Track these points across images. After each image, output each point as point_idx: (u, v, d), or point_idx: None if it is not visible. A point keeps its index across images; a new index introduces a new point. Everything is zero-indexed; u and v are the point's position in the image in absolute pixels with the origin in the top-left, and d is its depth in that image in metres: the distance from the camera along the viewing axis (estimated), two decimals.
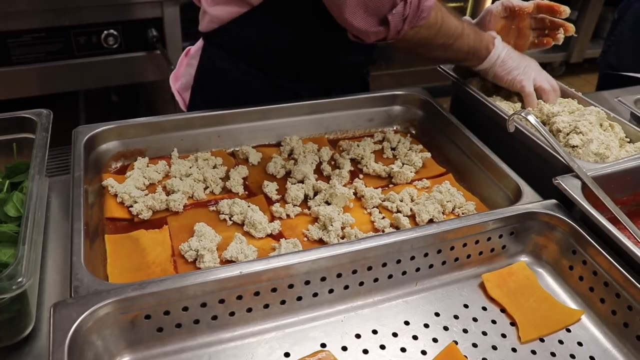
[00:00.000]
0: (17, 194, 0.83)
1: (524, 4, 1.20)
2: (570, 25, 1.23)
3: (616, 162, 0.93)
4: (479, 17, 1.23)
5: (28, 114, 0.94)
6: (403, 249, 0.79)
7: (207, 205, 0.94)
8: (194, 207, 0.93)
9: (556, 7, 1.21)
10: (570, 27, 1.23)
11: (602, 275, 0.79)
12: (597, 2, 3.61)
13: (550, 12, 1.23)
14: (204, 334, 0.72)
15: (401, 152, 1.10)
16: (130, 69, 2.15)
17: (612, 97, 1.35)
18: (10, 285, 0.63)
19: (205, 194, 0.96)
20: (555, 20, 1.23)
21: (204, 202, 0.95)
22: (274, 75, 1.15)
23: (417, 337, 0.75)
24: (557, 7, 1.21)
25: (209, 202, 0.95)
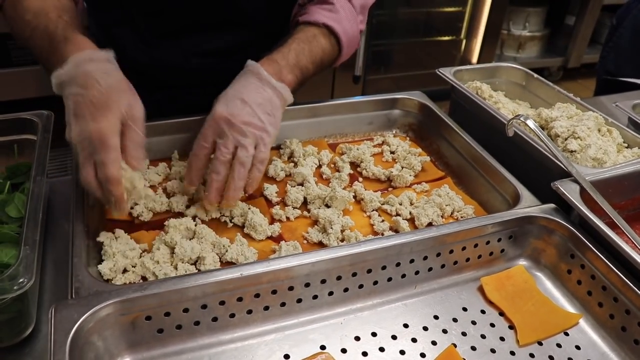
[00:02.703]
0: (18, 195, 0.83)
1: None
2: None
3: (614, 167, 0.94)
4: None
5: (29, 115, 0.95)
6: (402, 252, 0.79)
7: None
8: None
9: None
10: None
11: (600, 279, 0.79)
12: (595, 7, 3.63)
13: None
14: (204, 335, 0.72)
15: (400, 156, 1.10)
16: None
17: (610, 102, 1.36)
18: (11, 286, 0.64)
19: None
20: None
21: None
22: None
23: (416, 339, 0.76)
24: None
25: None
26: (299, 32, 0.99)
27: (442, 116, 1.13)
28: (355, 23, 1.05)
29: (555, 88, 1.24)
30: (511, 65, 1.34)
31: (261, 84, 0.89)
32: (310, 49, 0.97)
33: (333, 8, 1.01)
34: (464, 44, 3.41)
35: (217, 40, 1.14)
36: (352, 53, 1.06)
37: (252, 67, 0.91)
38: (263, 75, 0.89)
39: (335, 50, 1.02)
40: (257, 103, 0.86)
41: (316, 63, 0.98)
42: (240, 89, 0.88)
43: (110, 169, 0.73)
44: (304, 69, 0.96)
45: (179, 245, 0.81)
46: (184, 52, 1.13)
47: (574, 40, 3.78)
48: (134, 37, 1.09)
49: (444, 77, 1.22)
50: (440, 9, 3.23)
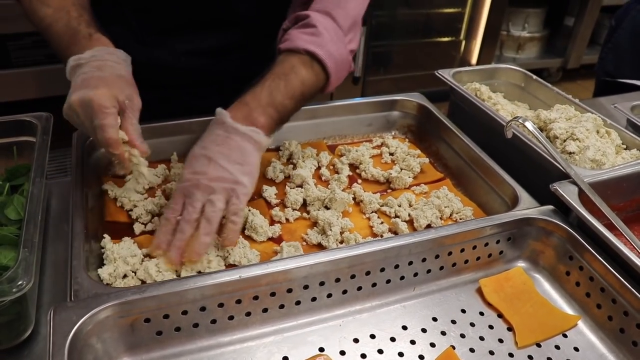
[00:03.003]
0: (17, 197, 0.83)
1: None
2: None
3: (613, 168, 0.94)
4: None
5: (28, 117, 0.95)
6: (401, 254, 0.79)
7: None
8: None
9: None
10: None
11: (599, 281, 0.79)
12: (594, 8, 3.64)
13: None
14: (203, 337, 0.73)
15: (399, 157, 1.10)
16: None
17: (608, 104, 1.36)
18: (10, 288, 0.64)
19: None
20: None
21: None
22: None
23: (414, 341, 0.76)
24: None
25: None
26: (277, 64, 0.92)
27: (441, 118, 1.13)
28: (342, 44, 0.96)
29: (554, 89, 1.24)
30: (510, 67, 1.35)
31: (227, 134, 0.84)
32: (287, 84, 0.90)
33: (315, 31, 0.92)
34: (464, 45, 3.41)
35: (208, 40, 1.14)
36: (345, 76, 0.99)
37: (218, 117, 0.87)
38: (228, 124, 0.85)
39: (320, 78, 0.94)
40: (223, 156, 0.82)
41: (295, 98, 0.91)
42: (206, 144, 0.84)
43: (108, 132, 0.78)
44: (280, 106, 0.89)
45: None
46: (175, 51, 1.13)
47: (573, 41, 3.78)
48: (126, 35, 1.09)
49: (443, 79, 1.22)
50: (439, 10, 3.23)
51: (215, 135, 0.85)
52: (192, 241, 0.79)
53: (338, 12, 0.96)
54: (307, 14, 0.95)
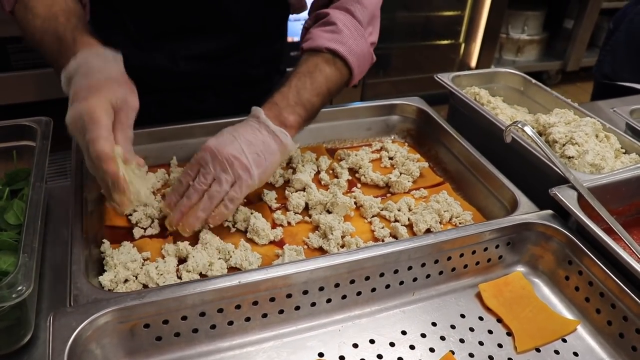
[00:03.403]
0: (17, 202, 0.83)
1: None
2: None
3: (612, 173, 0.94)
4: None
5: (28, 121, 0.95)
6: (400, 259, 0.79)
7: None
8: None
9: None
10: None
11: (598, 286, 0.79)
12: (593, 11, 3.64)
13: None
14: (202, 343, 0.73)
15: (399, 162, 1.10)
16: None
17: (607, 108, 1.36)
18: (10, 294, 0.64)
19: None
20: None
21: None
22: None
23: (414, 346, 0.76)
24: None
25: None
26: (302, 64, 0.97)
27: (441, 122, 1.14)
28: (363, 39, 1.01)
29: (553, 93, 1.25)
30: (509, 71, 1.35)
31: (258, 126, 0.89)
32: (312, 82, 0.94)
33: (335, 29, 0.98)
34: (463, 48, 3.41)
35: (206, 44, 1.14)
36: (367, 68, 1.03)
37: (253, 112, 0.91)
38: (261, 118, 0.89)
39: (343, 73, 0.99)
40: (247, 141, 0.86)
41: (322, 94, 0.95)
42: (237, 128, 0.88)
43: (99, 145, 0.71)
44: (308, 104, 0.93)
45: (192, 256, 0.81)
46: (174, 55, 1.14)
47: (573, 44, 3.79)
48: (124, 39, 1.09)
49: (442, 83, 1.22)
50: (439, 13, 3.23)
51: (247, 126, 0.89)
52: (190, 212, 0.84)
53: (356, 8, 1.01)
54: (327, 12, 0.99)
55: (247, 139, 0.86)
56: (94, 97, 0.74)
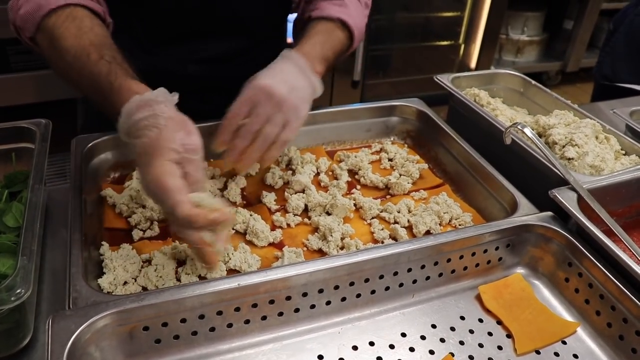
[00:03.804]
0: (16, 205, 0.83)
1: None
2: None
3: (612, 174, 0.94)
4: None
5: (27, 123, 0.95)
6: (400, 261, 0.79)
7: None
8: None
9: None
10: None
11: (598, 288, 0.79)
12: (593, 11, 3.64)
13: None
14: (201, 345, 0.72)
15: (398, 163, 1.10)
16: None
17: (607, 109, 1.36)
18: (9, 297, 0.64)
19: None
20: None
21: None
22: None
23: (413, 349, 0.76)
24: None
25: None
26: (317, 25, 1.03)
27: (440, 123, 1.14)
28: (363, 17, 1.11)
29: (553, 95, 1.24)
30: (509, 72, 1.35)
31: (300, 72, 0.92)
32: (331, 41, 1.02)
33: (343, 3, 1.06)
34: (463, 49, 3.41)
35: (214, 47, 1.15)
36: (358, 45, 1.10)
37: (291, 55, 0.94)
38: (301, 64, 0.92)
39: (347, 43, 1.07)
40: (295, 86, 0.89)
41: (336, 53, 1.02)
42: (282, 69, 0.91)
43: (179, 212, 0.70)
44: (328, 60, 1.00)
45: (190, 259, 0.81)
46: (182, 59, 1.13)
47: (573, 45, 3.78)
48: (132, 43, 1.09)
49: (442, 84, 1.22)
50: (438, 13, 3.23)
51: (292, 69, 0.91)
52: (246, 153, 0.87)
53: None
54: None
55: (295, 83, 0.89)
56: (153, 163, 0.72)
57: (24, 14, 0.87)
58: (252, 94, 0.87)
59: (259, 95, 0.86)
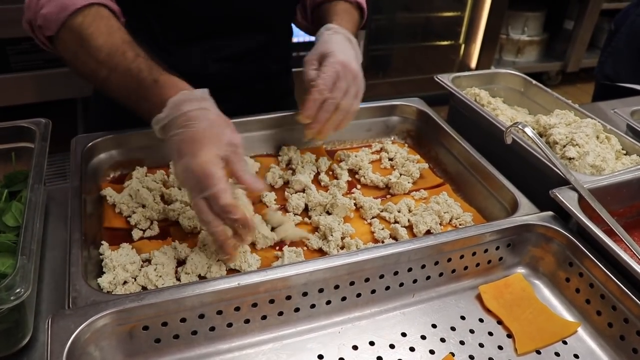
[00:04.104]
0: (15, 204, 0.83)
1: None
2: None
3: (612, 174, 0.94)
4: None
5: (27, 123, 0.95)
6: (400, 260, 0.79)
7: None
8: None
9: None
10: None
11: (599, 288, 0.79)
12: (594, 11, 3.64)
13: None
14: (201, 345, 0.72)
15: (399, 163, 1.10)
16: None
17: (608, 109, 1.36)
18: (8, 296, 0.63)
19: None
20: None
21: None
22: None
23: (414, 348, 0.76)
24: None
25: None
26: (338, 5, 1.11)
27: (441, 123, 1.13)
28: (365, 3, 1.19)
29: (554, 94, 1.24)
30: (509, 72, 1.35)
31: (352, 46, 1.01)
32: (353, 19, 1.11)
33: None
34: (463, 49, 3.41)
35: (236, 44, 1.15)
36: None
37: (340, 30, 1.01)
38: (351, 38, 1.02)
39: (361, 20, 1.16)
40: (356, 58, 1.00)
41: (355, 31, 1.09)
42: (342, 43, 0.99)
43: (223, 199, 0.73)
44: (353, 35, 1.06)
45: (190, 259, 0.81)
46: (202, 58, 1.13)
47: (573, 45, 3.78)
48: (150, 43, 1.09)
49: (442, 84, 1.22)
50: (438, 13, 3.23)
51: (347, 44, 1.00)
52: (327, 123, 0.96)
53: None
54: None
55: (354, 55, 1.00)
56: (202, 151, 0.75)
57: (47, 13, 0.87)
58: (335, 69, 0.94)
59: (340, 71, 0.94)
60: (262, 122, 1.10)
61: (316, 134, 0.97)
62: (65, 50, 0.90)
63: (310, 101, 0.93)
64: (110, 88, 0.88)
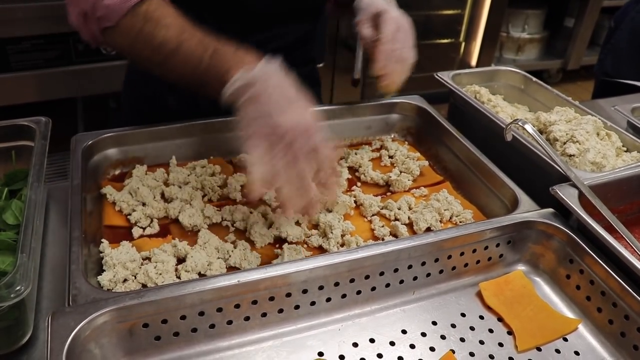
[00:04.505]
0: (15, 202, 0.83)
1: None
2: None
3: (613, 171, 0.94)
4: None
5: (27, 121, 0.95)
6: (401, 257, 0.79)
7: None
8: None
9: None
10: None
11: (599, 285, 0.79)
12: (594, 9, 3.63)
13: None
14: (201, 342, 0.72)
15: (399, 160, 1.10)
16: None
17: (608, 106, 1.36)
18: (8, 294, 0.64)
19: (204, 202, 0.96)
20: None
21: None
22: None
23: (414, 345, 0.76)
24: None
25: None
26: None
27: (441, 120, 1.13)
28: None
29: (554, 91, 1.24)
30: (510, 69, 1.35)
31: (395, 4, 1.12)
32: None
33: None
34: (463, 47, 3.40)
35: (286, 35, 1.16)
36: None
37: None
38: (392, 1, 1.12)
39: None
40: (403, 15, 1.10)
41: None
42: (386, 2, 1.09)
43: (324, 148, 0.78)
44: None
45: (190, 256, 0.81)
46: (260, 49, 1.12)
47: (573, 42, 3.77)
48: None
49: (442, 81, 1.22)
50: (438, 11, 3.22)
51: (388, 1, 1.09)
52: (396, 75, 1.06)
53: None
54: None
55: (400, 12, 1.11)
56: (304, 106, 0.79)
57: (111, 4, 0.87)
58: (395, 23, 1.03)
59: (399, 25, 1.03)
60: None
61: (390, 85, 1.04)
62: (124, 37, 0.90)
63: (382, 53, 1.02)
64: (175, 62, 0.87)
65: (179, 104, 1.16)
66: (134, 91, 1.26)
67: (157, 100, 1.18)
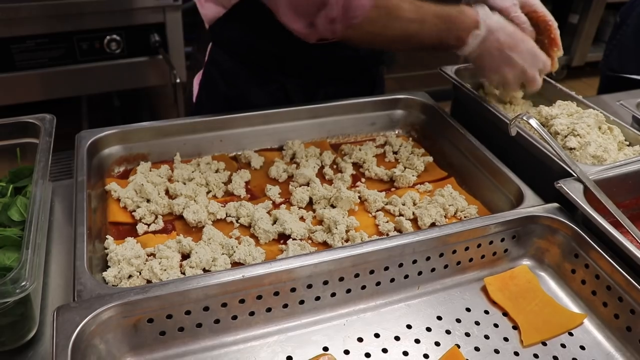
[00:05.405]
0: (20, 199, 0.83)
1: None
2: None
3: (618, 165, 0.93)
4: None
5: (32, 119, 0.95)
6: (405, 252, 0.79)
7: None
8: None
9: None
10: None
11: (605, 279, 0.79)
12: (599, 5, 3.62)
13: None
14: (206, 337, 0.72)
15: (403, 156, 1.10)
16: (132, 74, 2.16)
17: (613, 101, 1.35)
18: (14, 289, 0.64)
19: (208, 198, 0.96)
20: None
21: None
22: (260, 68, 1.17)
23: (419, 340, 0.75)
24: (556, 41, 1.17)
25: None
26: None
27: (445, 116, 1.13)
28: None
29: (557, 86, 1.23)
30: None
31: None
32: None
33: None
34: None
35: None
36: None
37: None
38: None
39: None
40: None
41: None
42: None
43: (548, 62, 1.06)
44: None
45: (195, 252, 0.81)
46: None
47: (578, 39, 3.76)
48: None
49: (446, 76, 1.21)
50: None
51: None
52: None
53: None
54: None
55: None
56: (530, 39, 1.04)
57: (360, 4, 0.93)
58: (543, 8, 1.12)
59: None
60: (266, 116, 1.10)
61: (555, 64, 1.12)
62: (373, 25, 0.97)
63: (557, 37, 1.13)
64: (422, 35, 1.00)
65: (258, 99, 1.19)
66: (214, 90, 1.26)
67: (239, 98, 1.20)
